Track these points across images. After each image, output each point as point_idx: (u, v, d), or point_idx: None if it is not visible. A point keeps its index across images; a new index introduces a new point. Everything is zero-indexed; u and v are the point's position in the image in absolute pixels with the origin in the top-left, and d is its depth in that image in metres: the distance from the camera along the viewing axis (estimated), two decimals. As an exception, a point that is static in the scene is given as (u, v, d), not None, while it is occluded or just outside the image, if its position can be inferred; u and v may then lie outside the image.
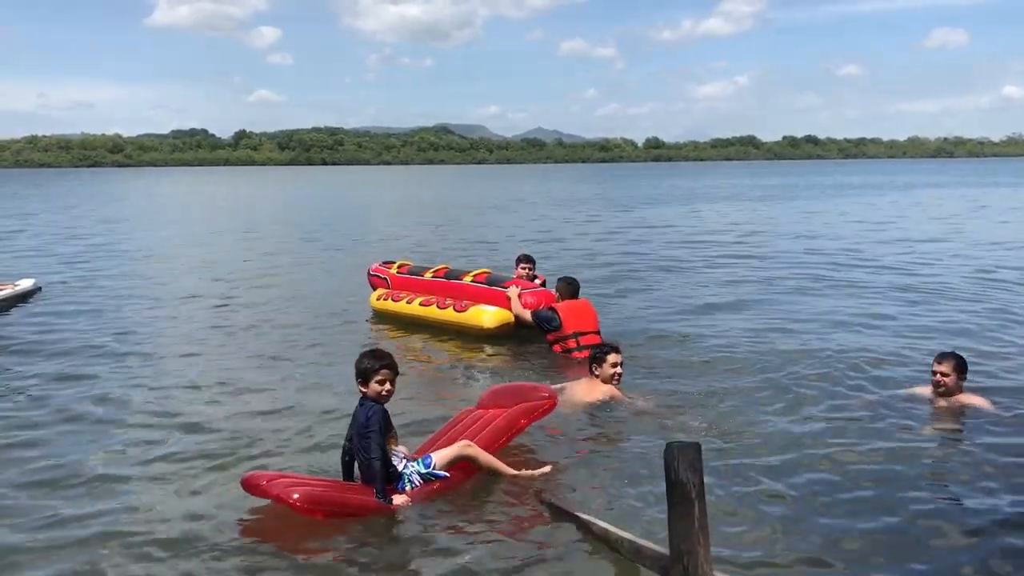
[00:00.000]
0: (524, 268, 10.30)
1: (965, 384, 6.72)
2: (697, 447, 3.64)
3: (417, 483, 5.12)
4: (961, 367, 6.59)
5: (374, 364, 5.08)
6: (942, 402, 6.62)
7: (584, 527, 4.61)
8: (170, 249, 20.14)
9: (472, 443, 5.35)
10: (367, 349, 5.42)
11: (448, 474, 5.19)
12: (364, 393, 5.08)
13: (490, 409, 5.91)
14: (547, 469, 5.45)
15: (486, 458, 5.33)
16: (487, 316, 9.20)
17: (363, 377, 5.08)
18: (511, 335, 9.25)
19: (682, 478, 3.60)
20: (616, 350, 7.17)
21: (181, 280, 14.62)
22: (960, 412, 6.53)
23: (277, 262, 17.28)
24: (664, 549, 3.86)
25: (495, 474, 5.34)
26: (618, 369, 7.06)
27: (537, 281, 10.12)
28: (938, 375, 6.61)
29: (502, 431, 5.62)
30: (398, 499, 4.98)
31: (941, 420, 6.48)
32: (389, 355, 5.20)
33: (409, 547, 4.63)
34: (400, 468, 5.11)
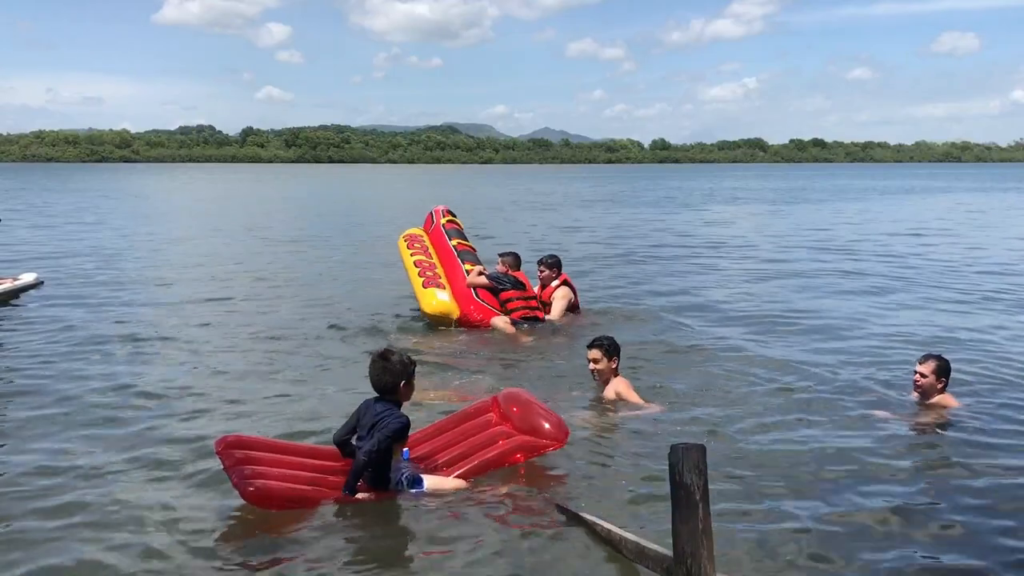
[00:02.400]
0: (542, 271, 10.38)
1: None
2: (702, 449, 3.63)
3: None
4: (941, 370, 6.67)
5: (414, 365, 5.14)
6: (922, 402, 6.76)
7: (587, 528, 4.61)
8: (173, 244, 20.17)
9: (467, 484, 5.18)
10: (385, 350, 5.21)
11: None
12: (398, 396, 5.06)
13: (500, 417, 5.75)
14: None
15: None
16: (430, 303, 9.72)
17: (408, 378, 5.08)
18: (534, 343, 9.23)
19: (686, 480, 3.59)
20: (593, 344, 6.99)
21: (183, 274, 14.61)
22: (935, 413, 6.63)
23: (286, 258, 17.30)
24: (668, 551, 3.85)
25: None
26: (590, 365, 6.98)
27: (556, 281, 10.26)
28: (917, 375, 6.73)
29: (497, 460, 5.40)
30: (362, 495, 4.95)
31: (920, 421, 6.58)
32: None
33: (407, 545, 4.63)
34: (393, 481, 5.04)
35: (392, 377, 5.01)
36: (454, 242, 10.83)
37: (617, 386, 6.88)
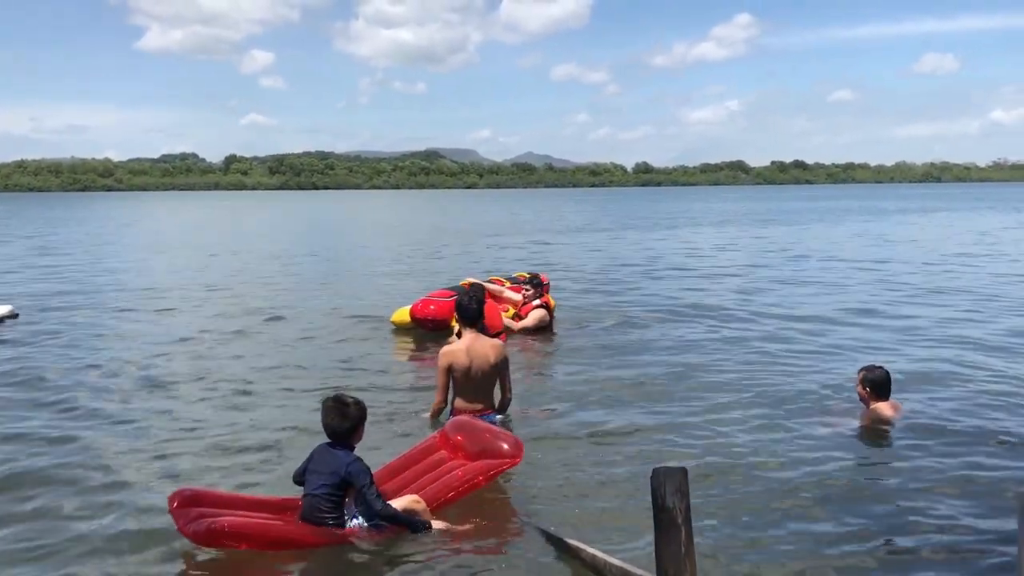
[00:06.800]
0: (526, 290, 11.24)
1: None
2: (683, 472, 3.64)
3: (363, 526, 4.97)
4: (865, 380, 6.98)
5: (366, 410, 5.08)
6: (864, 412, 7.04)
7: (572, 553, 4.59)
8: (151, 276, 19.89)
9: (421, 500, 5.09)
10: (340, 396, 5.10)
11: (387, 525, 4.96)
12: (352, 440, 4.99)
13: (451, 449, 5.68)
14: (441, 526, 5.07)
15: (426, 517, 5.06)
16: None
17: (363, 423, 5.03)
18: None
19: (669, 503, 3.59)
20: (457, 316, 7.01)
21: (164, 308, 14.30)
22: (873, 422, 6.91)
23: (277, 290, 17.22)
24: (651, 574, 3.85)
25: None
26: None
27: (537, 302, 11.11)
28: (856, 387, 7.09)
29: (456, 485, 5.31)
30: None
31: (862, 431, 6.86)
32: None
33: (395, 574, 4.58)
34: (346, 511, 4.95)
35: (350, 423, 4.97)
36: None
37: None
